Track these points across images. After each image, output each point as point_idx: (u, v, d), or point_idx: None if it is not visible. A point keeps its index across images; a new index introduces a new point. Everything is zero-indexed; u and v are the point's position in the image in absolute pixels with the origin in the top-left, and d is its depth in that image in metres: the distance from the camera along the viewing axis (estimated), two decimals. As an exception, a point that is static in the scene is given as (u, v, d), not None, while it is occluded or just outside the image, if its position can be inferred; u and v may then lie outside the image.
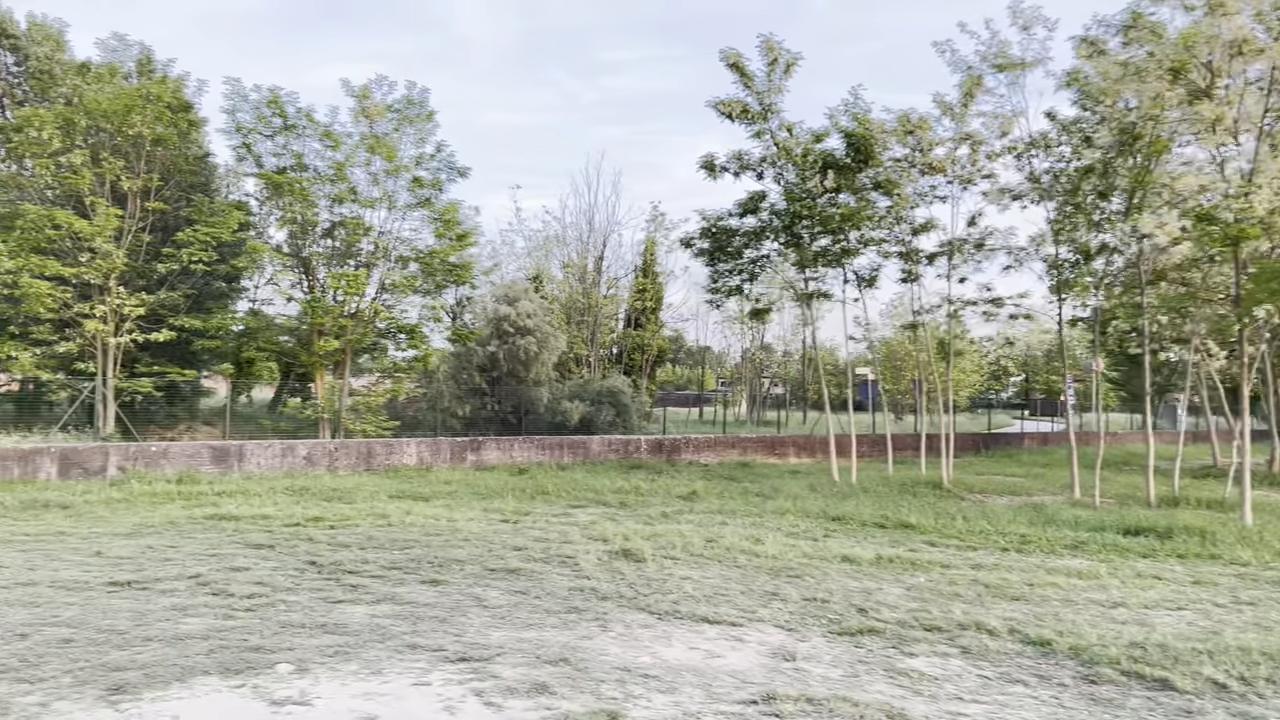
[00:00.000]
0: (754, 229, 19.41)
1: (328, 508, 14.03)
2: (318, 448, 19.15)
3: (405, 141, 27.85)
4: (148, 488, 15.39)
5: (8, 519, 12.49)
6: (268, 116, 26.60)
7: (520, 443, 22.27)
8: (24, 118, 23.33)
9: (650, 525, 13.09)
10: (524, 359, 35.04)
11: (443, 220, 28.45)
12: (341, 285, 26.21)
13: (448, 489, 16.94)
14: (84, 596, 8.25)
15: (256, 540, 11.19)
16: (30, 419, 26.26)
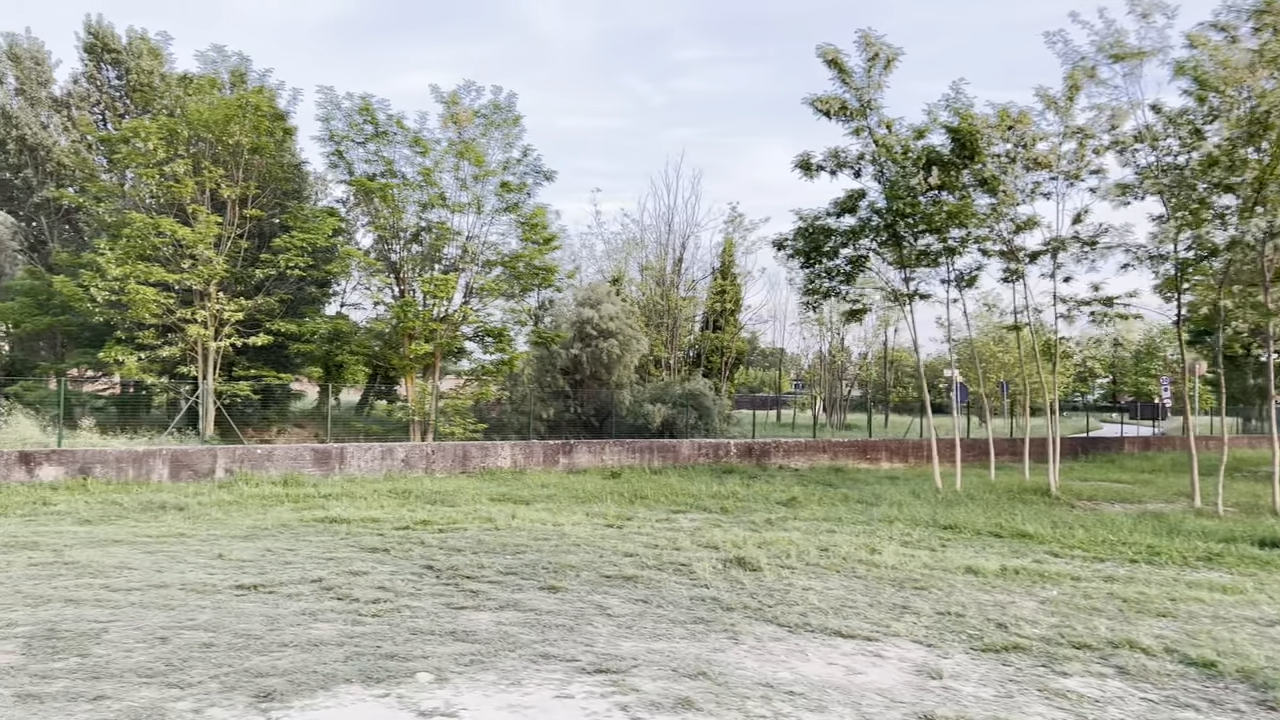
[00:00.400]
0: (852, 228, 18.98)
1: (433, 511, 14.08)
2: (415, 450, 19.32)
3: (493, 146, 28.03)
4: (255, 490, 15.67)
5: (129, 520, 12.80)
6: (359, 124, 27.02)
7: (611, 446, 22.18)
8: (130, 129, 24.10)
9: (758, 532, 12.82)
10: (606, 362, 35.04)
11: (529, 224, 28.56)
12: (432, 290, 26.46)
13: (545, 492, 16.90)
14: (214, 600, 8.33)
15: (370, 544, 11.24)
16: (131, 421, 27.14)
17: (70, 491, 14.86)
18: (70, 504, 13.90)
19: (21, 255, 32.70)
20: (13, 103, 34.62)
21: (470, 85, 27.58)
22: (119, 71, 36.77)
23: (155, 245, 24.05)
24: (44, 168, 34.74)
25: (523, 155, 28.53)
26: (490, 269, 28.86)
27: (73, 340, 30.42)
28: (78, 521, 12.53)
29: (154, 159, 23.84)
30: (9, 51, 35.81)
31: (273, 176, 27.33)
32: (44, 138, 34.45)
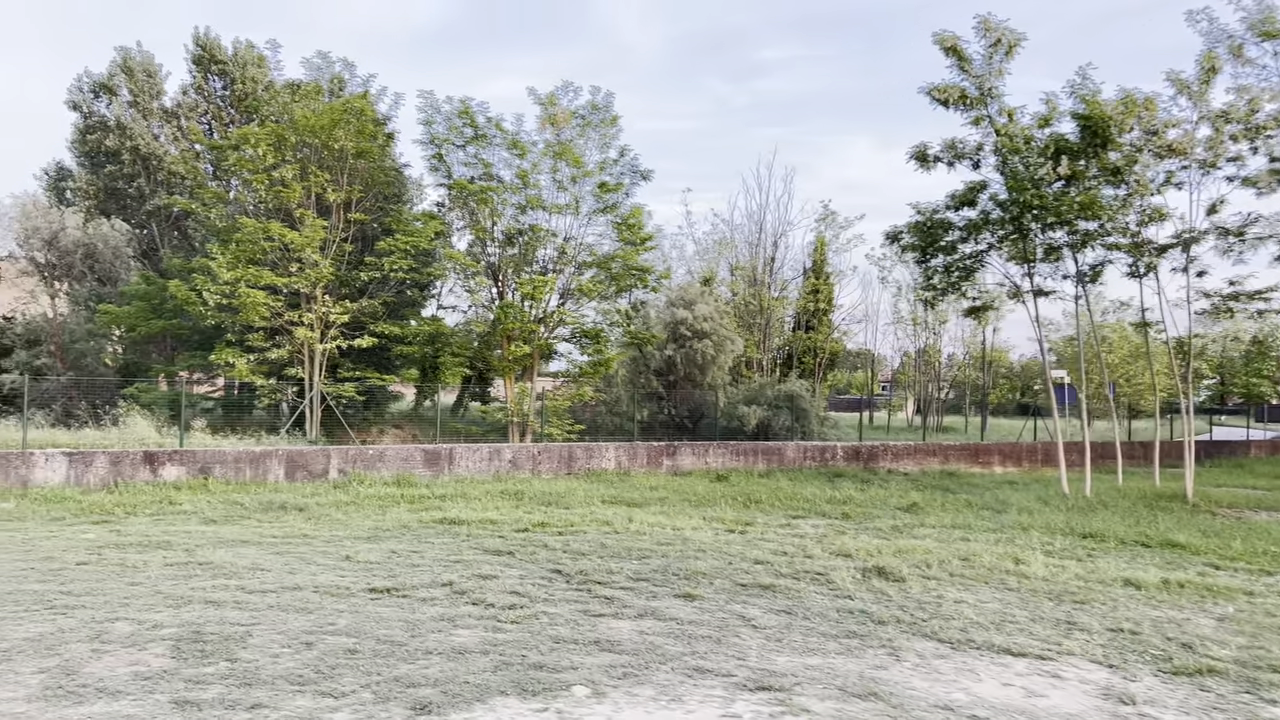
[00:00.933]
0: (971, 222, 18.18)
1: (549, 513, 13.88)
2: (522, 451, 19.22)
3: (589, 147, 27.89)
4: (370, 490, 15.72)
5: (251, 521, 12.89)
6: (459, 127, 27.15)
7: (715, 448, 21.75)
8: (241, 136, 24.62)
9: (888, 540, 12.25)
10: (700, 363, 34.59)
11: (625, 224, 28.33)
12: (530, 291, 26.43)
13: (655, 495, 16.58)
14: (350, 603, 8.19)
15: (493, 546, 11.05)
16: (236, 422, 27.76)
17: (192, 491, 15.11)
18: (194, 503, 14.11)
19: (135, 261, 33.81)
20: (127, 114, 35.88)
21: (568, 86, 27.51)
22: (225, 82, 37.87)
23: (264, 249, 24.53)
24: (155, 177, 35.94)
25: (619, 155, 28.33)
26: (586, 270, 28.72)
27: (182, 344, 31.34)
28: (203, 521, 12.67)
29: (263, 164, 24.32)
30: (123, 65, 37.17)
31: (375, 181, 27.66)
32: (156, 148, 35.64)
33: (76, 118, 37.77)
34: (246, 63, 37.97)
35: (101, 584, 8.66)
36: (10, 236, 30.58)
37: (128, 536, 11.26)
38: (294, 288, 24.83)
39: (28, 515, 12.78)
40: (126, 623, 7.35)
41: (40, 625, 7.22)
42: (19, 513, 12.92)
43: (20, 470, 14.73)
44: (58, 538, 11.16)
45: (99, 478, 15.26)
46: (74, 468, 15.12)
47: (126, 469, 15.48)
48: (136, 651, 6.61)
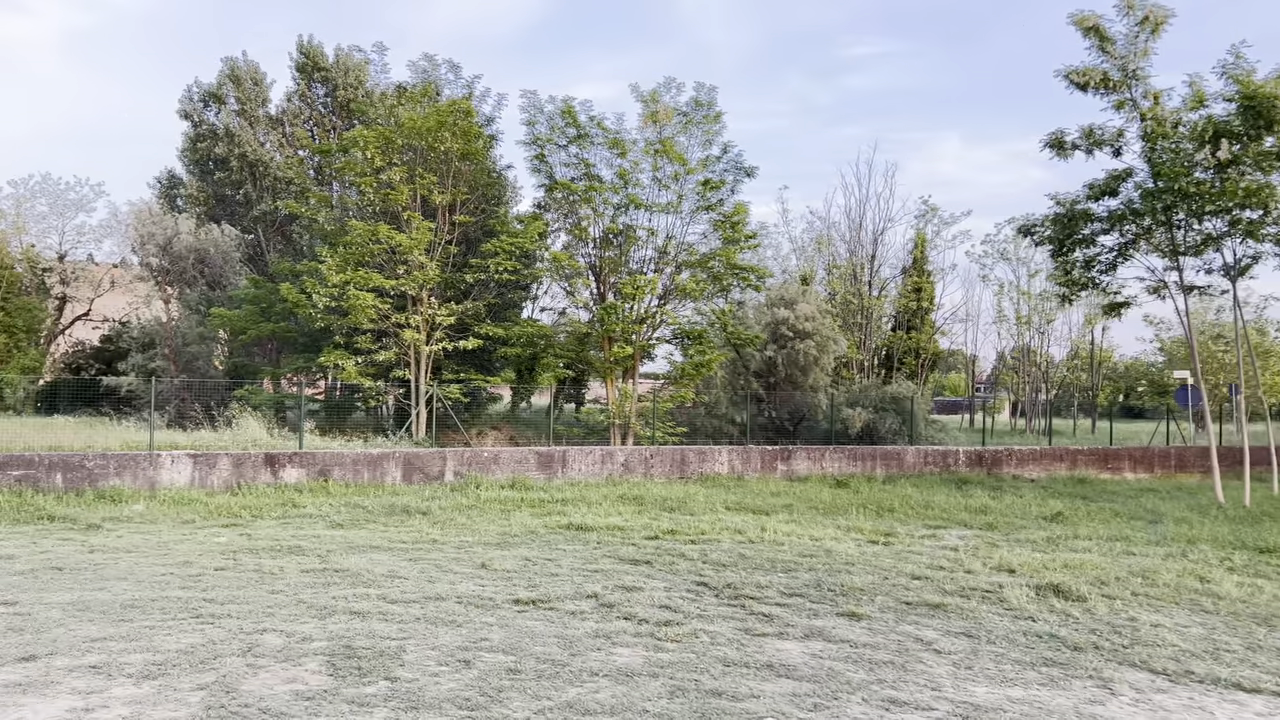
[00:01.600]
0: (1113, 213, 17.06)
1: (675, 520, 13.37)
2: (634, 455, 18.78)
3: (692, 144, 27.34)
4: (489, 494, 15.45)
5: (377, 525, 12.69)
6: (561, 127, 26.89)
7: (831, 453, 20.98)
8: (350, 139, 24.76)
9: (1046, 553, 11.39)
10: (802, 364, 33.69)
11: (729, 222, 27.67)
12: (633, 291, 26.00)
13: (779, 501, 15.92)
14: (498, 616, 7.78)
15: (629, 555, 10.57)
16: (339, 424, 28.01)
17: (313, 494, 15.06)
18: (317, 506, 14.02)
19: (243, 266, 34.55)
20: (234, 123, 36.74)
21: (671, 82, 26.97)
22: (327, 89, 38.51)
23: (372, 252, 24.65)
24: (262, 183, 36.71)
25: (723, 152, 27.70)
26: (686, 269, 28.17)
27: (287, 346, 31.87)
28: (330, 525, 12.52)
29: (371, 167, 24.43)
30: (231, 74, 38.08)
31: (477, 183, 27.61)
32: (262, 154, 36.39)
33: (187, 127, 38.89)
34: (348, 69, 38.58)
35: (243, 591, 8.45)
36: (127, 243, 31.50)
37: (259, 540, 11.13)
38: (401, 290, 24.88)
39: (159, 518, 12.81)
40: (275, 634, 7.07)
41: (190, 635, 6.98)
42: (150, 515, 12.96)
43: (148, 471, 14.88)
44: (191, 541, 11.08)
45: (222, 479, 15.33)
46: (198, 469, 15.22)
47: (248, 471, 15.52)
48: (292, 667, 6.28)
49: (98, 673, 6.06)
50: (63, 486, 14.26)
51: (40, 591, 8.30)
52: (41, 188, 37.73)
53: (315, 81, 38.66)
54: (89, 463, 14.54)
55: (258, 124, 37.59)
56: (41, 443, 19.42)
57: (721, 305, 31.39)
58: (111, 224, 32.92)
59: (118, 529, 11.79)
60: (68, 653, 6.49)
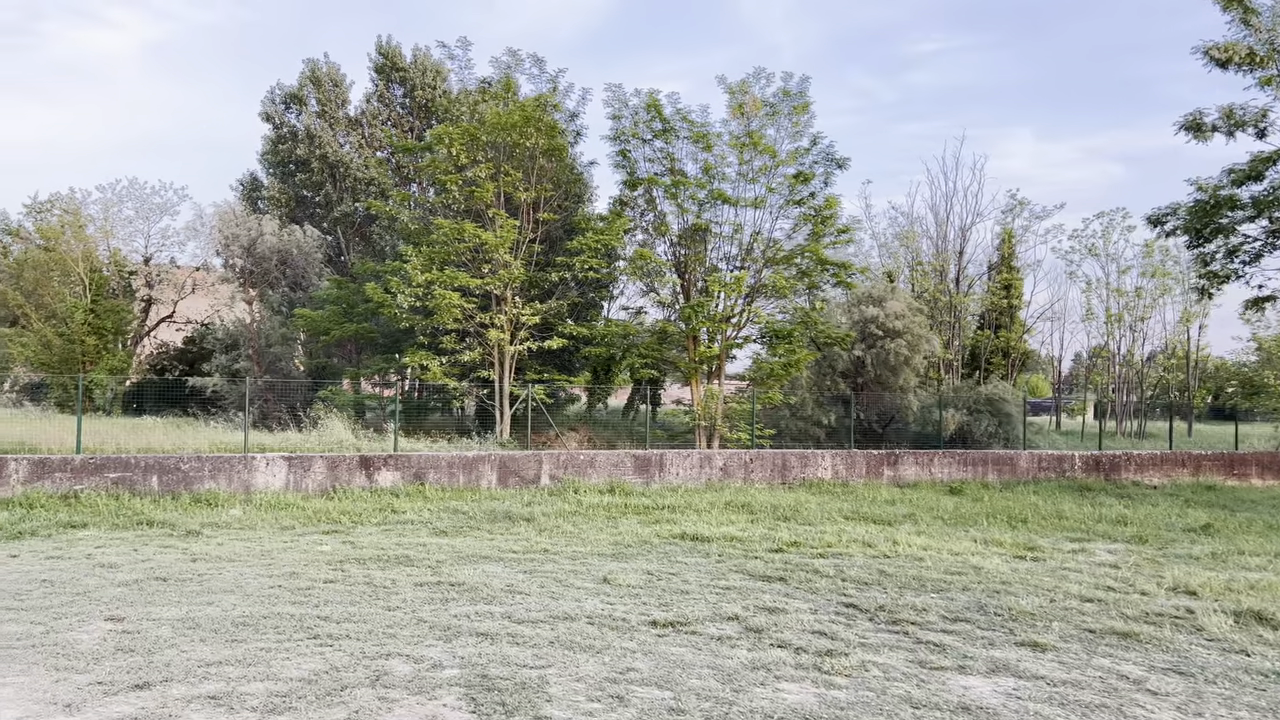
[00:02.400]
0: (1258, 199, 15.71)
1: (794, 530, 12.51)
2: (734, 459, 17.95)
3: (780, 136, 26.39)
4: (590, 499, 14.77)
5: (481, 532, 12.07)
6: (646, 120, 26.16)
7: (940, 457, 19.87)
8: (435, 136, 24.36)
9: (1218, 571, 10.27)
10: (892, 364, 32.47)
11: (820, 216, 26.62)
12: (721, 289, 25.15)
13: (897, 510, 14.93)
14: (638, 640, 7.03)
15: (758, 570, 9.75)
16: (418, 425, 27.65)
17: (410, 498, 14.54)
18: (417, 512, 13.47)
19: (324, 267, 34.55)
20: (315, 124, 36.83)
21: (760, 72, 26.03)
22: (405, 89, 38.42)
23: (457, 250, 24.22)
24: (342, 184, 36.73)
25: (811, 143, 26.67)
26: (773, 265, 27.21)
27: (366, 347, 31.72)
28: (434, 533, 11.93)
29: (456, 164, 24.00)
30: (311, 76, 38.21)
31: (560, 179, 27.05)
32: (342, 155, 36.40)
33: (268, 129, 39.16)
34: (425, 69, 38.44)
35: (357, 608, 7.84)
36: (211, 245, 31.66)
37: (364, 549, 10.57)
38: (485, 289, 24.41)
39: (257, 523, 12.38)
40: (401, 660, 6.42)
41: (310, 660, 6.37)
42: (249, 520, 12.54)
43: (243, 474, 14.52)
44: (294, 549, 10.57)
45: (316, 483, 14.91)
46: (293, 472, 14.82)
47: (343, 474, 15.08)
48: (427, 701, 5.61)
49: (218, 705, 5.46)
50: (158, 489, 13.96)
51: (147, 605, 7.81)
52: (128, 192, 38.35)
53: (393, 82, 38.63)
54: (184, 465, 14.22)
55: (337, 125, 37.66)
56: (133, 444, 19.36)
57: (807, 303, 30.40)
58: (197, 226, 33.19)
59: (217, 535, 11.36)
60: (183, 679, 5.91)
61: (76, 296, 36.15)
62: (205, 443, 20.52)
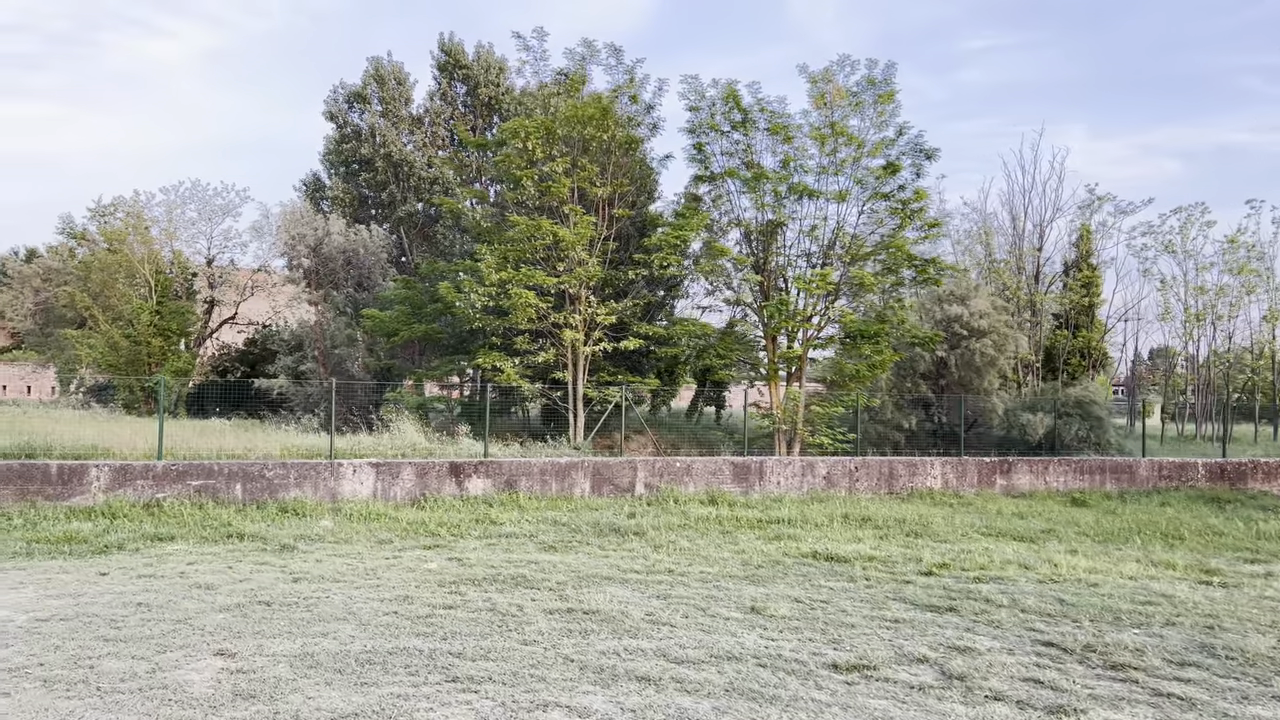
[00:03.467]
0: None
1: (932, 548, 11.39)
2: (838, 467, 16.83)
3: (864, 126, 25.17)
4: (698, 511, 13.76)
5: (592, 547, 11.13)
6: (724, 111, 25.10)
7: (1055, 465, 18.55)
8: (509, 129, 23.55)
9: None
10: (977, 365, 31.12)
11: (908, 210, 25.29)
12: (807, 286, 24.00)
13: (1031, 525, 13.72)
14: (826, 690, 6.02)
15: (919, 598, 8.67)
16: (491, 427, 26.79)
17: (504, 507, 13.65)
18: (515, 523, 12.57)
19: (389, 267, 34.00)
20: (380, 122, 36.35)
21: (844, 60, 24.83)
22: (468, 87, 37.81)
23: (534, 248, 23.40)
24: (407, 183, 36.19)
25: (898, 133, 25.38)
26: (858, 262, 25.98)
27: (432, 348, 31.07)
28: (541, 548, 11.01)
29: (531, 158, 23.17)
30: (375, 74, 37.76)
31: (633, 174, 26.11)
32: (407, 154, 35.86)
33: (331, 128, 38.78)
34: (489, 66, 37.78)
35: (490, 641, 6.92)
36: (278, 245, 31.22)
37: (473, 567, 9.68)
38: (561, 288, 23.54)
39: (351, 536, 11.55)
40: (562, 712, 5.48)
41: (457, 712, 5.45)
42: (342, 532, 11.73)
43: (329, 482, 13.75)
44: (398, 567, 9.71)
45: (405, 490, 14.10)
46: (381, 479, 14.02)
47: (432, 481, 14.25)
48: (615, 772, 4.65)
49: (370, 775, 4.55)
50: (242, 498, 13.24)
51: (257, 637, 6.96)
52: (191, 194, 38.18)
53: (456, 80, 38.04)
54: (269, 472, 13.49)
55: (401, 124, 37.15)
56: (204, 446, 18.80)
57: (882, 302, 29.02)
58: (263, 226, 32.78)
59: (313, 550, 10.54)
60: (321, 737, 5.02)
61: (142, 298, 36.05)
62: (276, 446, 19.90)
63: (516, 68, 24.85)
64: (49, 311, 38.29)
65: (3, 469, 12.32)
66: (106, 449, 18.75)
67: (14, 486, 12.29)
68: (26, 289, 39.29)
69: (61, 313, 37.48)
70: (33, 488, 12.37)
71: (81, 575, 9.01)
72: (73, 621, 7.29)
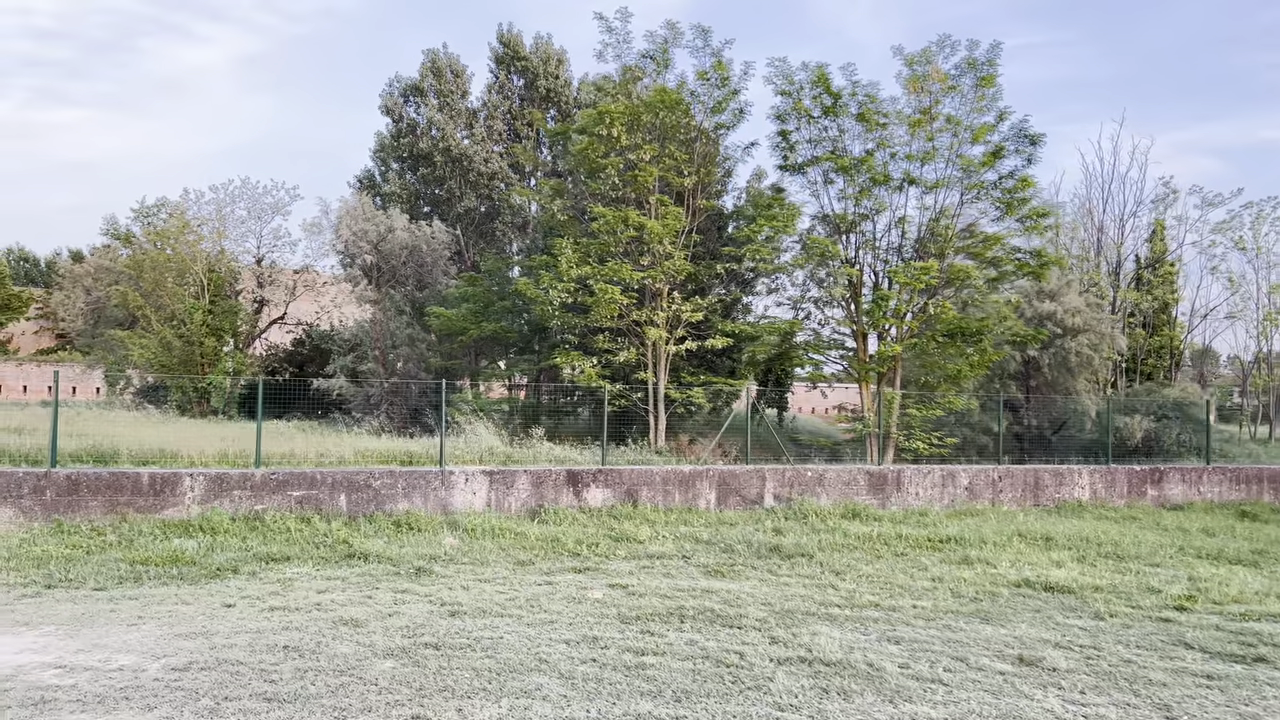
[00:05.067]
0: None
1: (1148, 574, 9.90)
2: (980, 476, 15.33)
3: (963, 112, 23.59)
4: (852, 527, 12.32)
5: (757, 571, 9.72)
6: (813, 95, 23.61)
7: (1209, 474, 16.92)
8: (592, 115, 22.23)
9: None
10: (1072, 365, 29.56)
11: (1011, 200, 23.63)
12: (909, 281, 22.45)
13: (1239, 546, 12.13)
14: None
15: (1210, 645, 7.19)
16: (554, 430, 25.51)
17: (632, 521, 12.28)
18: (656, 541, 11.20)
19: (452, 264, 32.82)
20: (439, 116, 35.23)
21: (945, 40, 23.21)
22: (526, 80, 36.60)
23: (615, 241, 22.08)
24: (466, 178, 35.03)
25: (999, 118, 23.73)
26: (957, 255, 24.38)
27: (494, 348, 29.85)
28: (705, 572, 9.63)
29: (616, 145, 21.84)
30: (432, 66, 36.64)
31: (713, 162, 24.70)
32: (466, 149, 34.71)
33: (387, 123, 37.72)
34: (548, 57, 36.56)
35: (734, 704, 5.56)
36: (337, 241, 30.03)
37: (643, 597, 8.33)
38: (646, 282, 22.20)
39: (485, 556, 10.21)
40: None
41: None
42: (471, 551, 10.40)
43: (439, 492, 12.46)
44: (556, 595, 8.38)
45: (520, 501, 12.78)
46: (495, 489, 12.70)
47: (549, 491, 12.92)
48: None
49: None
50: (347, 510, 11.98)
51: (448, 696, 5.63)
52: (241, 192, 37.22)
53: (514, 72, 36.88)
54: (375, 482, 12.20)
55: (458, 118, 36.01)
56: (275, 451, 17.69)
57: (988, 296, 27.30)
58: (322, 222, 31.65)
59: (450, 573, 9.23)
60: None
61: (194, 297, 35.14)
62: (349, 450, 18.72)
63: (598, 51, 23.32)
64: (100, 311, 37.44)
65: (91, 478, 11.13)
66: (175, 453, 17.64)
67: (103, 498, 11.09)
68: (78, 289, 38.50)
69: (113, 312, 36.61)
70: (122, 499, 11.17)
71: (203, 607, 7.75)
72: (216, 672, 6.02)
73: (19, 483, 10.84)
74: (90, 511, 11.00)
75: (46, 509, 10.87)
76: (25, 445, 17.51)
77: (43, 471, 11.01)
